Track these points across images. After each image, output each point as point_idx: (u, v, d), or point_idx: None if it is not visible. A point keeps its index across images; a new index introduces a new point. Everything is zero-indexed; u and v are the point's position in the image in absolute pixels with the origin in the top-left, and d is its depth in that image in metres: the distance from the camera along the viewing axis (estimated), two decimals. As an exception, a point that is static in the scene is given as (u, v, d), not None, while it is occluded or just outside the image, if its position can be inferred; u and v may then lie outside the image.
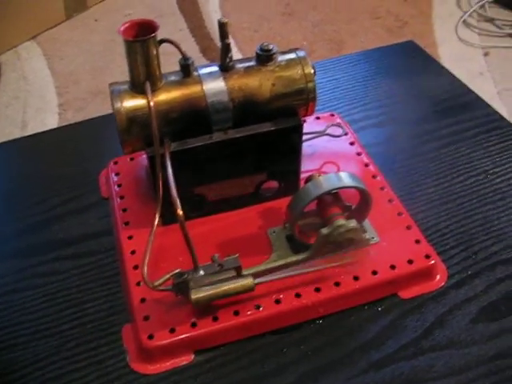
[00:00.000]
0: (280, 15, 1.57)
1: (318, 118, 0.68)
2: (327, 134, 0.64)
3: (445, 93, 0.76)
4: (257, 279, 0.47)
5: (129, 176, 0.63)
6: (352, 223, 0.49)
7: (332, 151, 0.64)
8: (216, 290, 0.46)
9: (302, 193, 0.49)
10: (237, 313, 0.49)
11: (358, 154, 0.63)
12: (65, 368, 0.49)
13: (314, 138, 0.63)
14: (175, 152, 0.49)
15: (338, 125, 0.66)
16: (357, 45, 1.44)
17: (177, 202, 0.44)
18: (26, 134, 0.85)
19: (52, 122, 1.21)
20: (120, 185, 0.62)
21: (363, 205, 0.52)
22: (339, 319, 0.51)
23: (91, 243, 0.59)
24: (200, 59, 1.37)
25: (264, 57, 0.51)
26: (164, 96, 0.49)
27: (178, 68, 0.50)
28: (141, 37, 0.47)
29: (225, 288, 0.46)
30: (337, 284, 0.51)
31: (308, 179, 0.52)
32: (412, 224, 0.55)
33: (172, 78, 0.51)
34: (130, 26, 0.48)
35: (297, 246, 0.52)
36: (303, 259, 0.50)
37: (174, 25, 1.49)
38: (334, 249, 0.50)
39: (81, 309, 0.53)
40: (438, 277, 0.53)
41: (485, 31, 1.50)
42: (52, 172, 0.69)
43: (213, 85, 0.50)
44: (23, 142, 0.77)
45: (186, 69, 0.50)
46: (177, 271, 0.46)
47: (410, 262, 0.52)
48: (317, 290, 0.50)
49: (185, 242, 0.45)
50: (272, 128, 0.51)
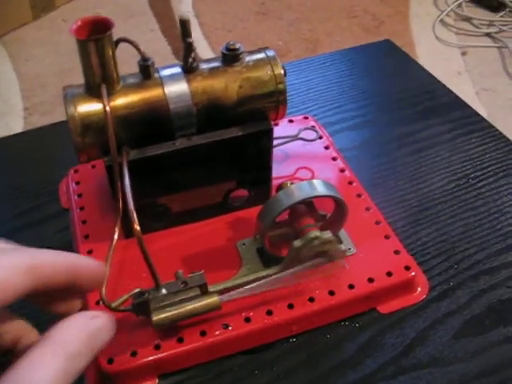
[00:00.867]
0: (254, 14, 1.54)
1: (291, 122, 0.65)
2: (300, 138, 0.61)
3: (423, 93, 0.73)
4: (224, 296, 0.44)
5: (90, 185, 0.59)
6: (327, 234, 0.46)
7: (306, 156, 0.61)
8: (179, 311, 0.42)
9: (273, 202, 0.46)
10: (204, 333, 0.45)
11: (334, 159, 0.60)
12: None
13: (287, 143, 0.60)
14: (134, 160, 0.46)
15: (312, 128, 0.63)
16: (333, 44, 1.42)
17: (133, 216, 0.40)
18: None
19: (17, 127, 1.16)
20: (80, 194, 0.58)
21: (339, 214, 0.49)
22: (314, 337, 0.47)
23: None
24: (172, 61, 1.34)
25: (230, 56, 0.47)
26: (122, 100, 0.45)
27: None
28: (95, 36, 0.43)
29: (189, 308, 0.42)
30: (311, 299, 0.47)
31: (279, 187, 0.49)
32: (391, 233, 0.52)
33: (131, 81, 0.47)
34: (83, 25, 0.44)
35: (268, 260, 0.49)
36: (275, 273, 0.47)
37: (146, 25, 1.45)
38: (308, 262, 0.47)
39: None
40: (419, 289, 0.50)
41: (462, 30, 1.48)
42: (10, 180, 0.64)
43: (175, 87, 0.46)
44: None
45: (146, 70, 0.46)
46: (136, 290, 0.42)
47: (389, 275, 0.49)
48: (290, 307, 0.47)
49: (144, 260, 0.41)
50: (240, 133, 0.48)
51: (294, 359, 0.46)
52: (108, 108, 0.44)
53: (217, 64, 0.48)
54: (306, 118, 0.65)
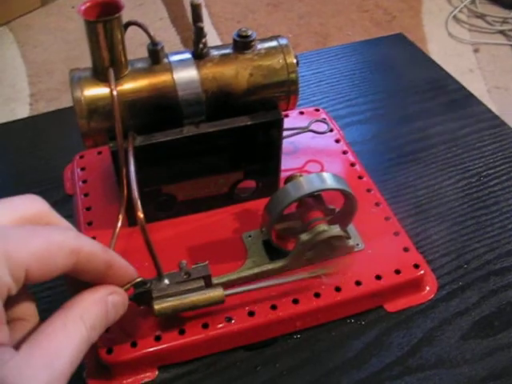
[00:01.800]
0: (265, 6, 1.52)
1: (302, 113, 0.64)
2: (311, 130, 0.60)
3: (436, 89, 0.72)
4: (228, 290, 0.43)
5: (95, 171, 0.58)
6: (335, 229, 0.44)
7: (316, 149, 0.59)
8: (182, 301, 0.41)
9: (281, 194, 0.45)
10: (206, 326, 0.44)
11: (344, 153, 0.59)
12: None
13: (297, 135, 0.59)
14: (141, 147, 0.45)
15: (323, 120, 0.62)
16: (343, 38, 1.40)
17: (137, 204, 0.39)
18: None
19: (22, 113, 1.15)
20: (85, 181, 0.57)
21: (348, 208, 0.48)
22: (318, 334, 0.46)
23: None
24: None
25: (241, 44, 0.46)
26: (129, 85, 0.44)
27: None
28: (104, 17, 0.42)
29: (192, 299, 0.41)
30: (317, 295, 0.46)
31: (288, 179, 0.48)
32: (400, 230, 0.51)
33: (139, 65, 0.46)
34: (92, 6, 0.43)
35: (274, 253, 0.48)
36: (280, 267, 0.46)
37: (155, 13, 1.44)
38: (315, 256, 0.46)
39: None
40: (428, 288, 0.49)
41: (475, 27, 1.47)
42: (15, 166, 0.63)
43: (184, 73, 0.45)
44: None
45: (155, 55, 0.45)
46: (139, 280, 0.41)
47: (398, 272, 0.47)
48: (294, 302, 0.46)
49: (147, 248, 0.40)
50: (249, 122, 0.47)
51: (298, 356, 0.45)
52: (115, 92, 0.43)
53: (228, 51, 0.47)
54: (317, 110, 0.64)
